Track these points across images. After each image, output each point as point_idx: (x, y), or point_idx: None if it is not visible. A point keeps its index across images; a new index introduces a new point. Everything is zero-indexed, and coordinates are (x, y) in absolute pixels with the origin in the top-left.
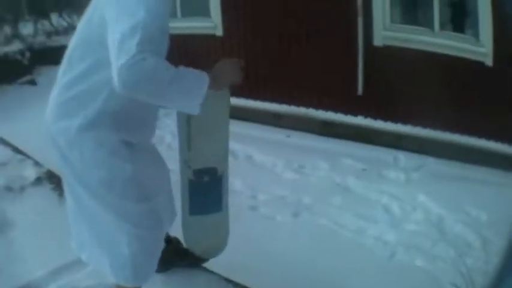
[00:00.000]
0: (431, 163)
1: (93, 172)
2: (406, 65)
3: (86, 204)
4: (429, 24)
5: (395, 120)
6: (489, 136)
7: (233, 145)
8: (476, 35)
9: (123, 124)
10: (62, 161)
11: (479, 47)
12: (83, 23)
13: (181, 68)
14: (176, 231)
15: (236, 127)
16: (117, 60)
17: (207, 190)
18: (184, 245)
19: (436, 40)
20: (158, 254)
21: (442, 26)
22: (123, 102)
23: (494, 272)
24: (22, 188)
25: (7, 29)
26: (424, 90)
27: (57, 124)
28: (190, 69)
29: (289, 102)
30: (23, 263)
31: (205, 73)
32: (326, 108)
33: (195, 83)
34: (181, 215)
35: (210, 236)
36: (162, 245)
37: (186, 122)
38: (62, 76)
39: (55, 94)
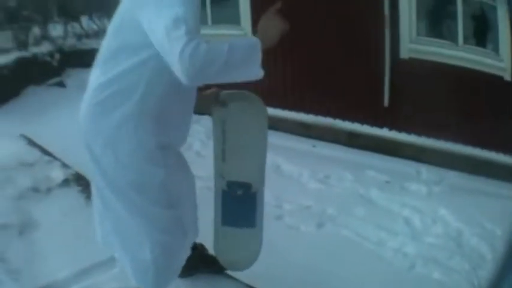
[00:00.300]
0: (452, 177)
1: (126, 174)
2: (430, 77)
3: (112, 207)
4: (453, 38)
5: (418, 133)
6: (508, 151)
7: None
8: (496, 49)
9: (159, 125)
10: (93, 163)
11: (499, 61)
12: (114, 26)
13: (232, 41)
14: (205, 238)
15: None
16: (171, 54)
17: (239, 203)
18: (213, 253)
19: (459, 54)
20: (181, 261)
21: (466, 40)
22: (159, 102)
23: (495, 271)
24: (49, 189)
25: (36, 30)
26: (446, 103)
27: (92, 125)
28: (239, 39)
29: (316, 112)
30: (47, 263)
31: (253, 38)
32: (352, 119)
33: (249, 49)
34: (213, 224)
35: (240, 250)
36: (186, 253)
37: (222, 132)
38: (95, 79)
39: (88, 96)
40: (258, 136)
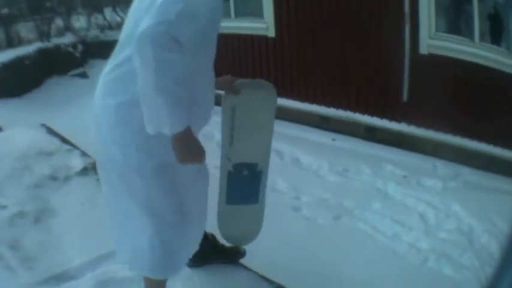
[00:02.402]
0: (467, 173)
1: (129, 156)
2: (448, 73)
3: (117, 191)
4: (470, 35)
5: (436, 128)
6: None
7: (280, 146)
8: (509, 47)
9: None
10: (101, 143)
11: (510, 59)
12: (134, 7)
13: (183, 99)
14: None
15: (284, 128)
16: (153, 17)
17: (245, 183)
18: (217, 231)
19: (475, 50)
20: (184, 254)
21: (482, 37)
22: None
23: (495, 269)
24: (67, 178)
25: (59, 22)
26: (462, 99)
27: (101, 105)
28: (182, 111)
29: (336, 106)
30: (61, 251)
31: (184, 126)
32: (372, 113)
33: (168, 117)
34: (217, 202)
35: (243, 225)
36: (190, 247)
37: (230, 118)
38: (112, 59)
39: (103, 74)
40: (266, 121)
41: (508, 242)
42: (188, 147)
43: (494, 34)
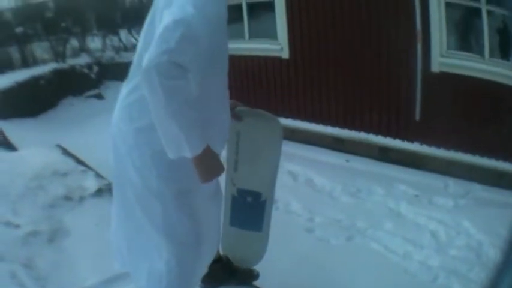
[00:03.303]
0: (478, 190)
1: (147, 180)
2: (459, 91)
3: (132, 212)
4: (480, 51)
5: (448, 146)
6: None
7: (294, 167)
8: None
9: None
10: (118, 167)
11: None
12: (144, 29)
13: (197, 120)
14: None
15: (298, 150)
16: (155, 47)
17: (248, 209)
18: (221, 252)
19: (485, 67)
20: (197, 276)
21: (492, 53)
22: None
23: (495, 269)
24: (82, 199)
25: (74, 42)
26: (473, 116)
27: (119, 129)
28: (198, 132)
29: (350, 126)
30: (74, 271)
31: (203, 146)
32: (385, 133)
33: (186, 142)
34: (222, 223)
35: (246, 249)
36: (202, 268)
37: (235, 142)
38: (128, 81)
39: (119, 101)
40: (271, 150)
41: (507, 244)
42: (209, 166)
43: (504, 48)
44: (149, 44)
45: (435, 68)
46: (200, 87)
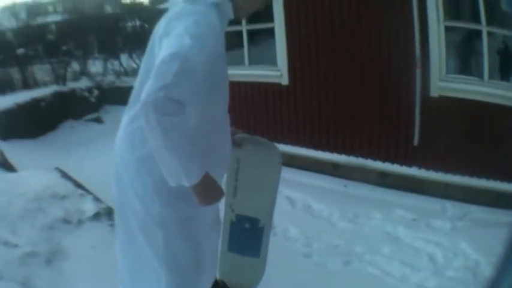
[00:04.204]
0: (475, 211)
1: (150, 208)
2: (458, 115)
3: (134, 240)
4: (479, 73)
5: (446, 170)
6: None
7: (292, 193)
8: None
9: None
10: (121, 195)
11: None
12: (145, 56)
13: (195, 152)
14: None
15: (296, 176)
16: (152, 82)
17: (246, 235)
18: (218, 277)
19: (485, 89)
20: None
21: (491, 75)
22: None
23: (496, 269)
24: (80, 222)
25: (75, 65)
26: (471, 138)
27: (122, 157)
28: (196, 163)
29: (348, 152)
30: None
31: (201, 174)
32: (383, 159)
33: (184, 173)
34: (220, 248)
35: (243, 274)
36: None
37: (235, 168)
38: (129, 108)
39: (121, 128)
40: (269, 177)
41: (507, 244)
42: (208, 191)
43: (504, 69)
44: (148, 72)
45: (434, 92)
46: (201, 117)
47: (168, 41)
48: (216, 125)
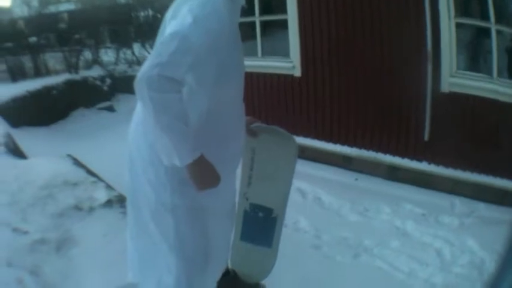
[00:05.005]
0: (483, 208)
1: (160, 194)
2: (468, 111)
3: (146, 228)
4: (489, 71)
5: (455, 166)
6: None
7: (303, 185)
8: None
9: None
10: (133, 181)
11: None
12: (156, 41)
13: (187, 132)
14: None
15: (307, 168)
16: (149, 60)
17: (259, 225)
18: (229, 266)
19: (494, 87)
20: None
21: (500, 73)
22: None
23: (496, 269)
24: (91, 209)
25: (88, 54)
26: (481, 136)
27: (135, 144)
28: (188, 143)
29: (359, 145)
30: (81, 281)
31: (194, 156)
32: (394, 153)
33: (175, 152)
34: (233, 237)
35: (254, 264)
36: (212, 283)
37: (250, 158)
38: None
39: (135, 116)
40: (285, 168)
41: (508, 243)
42: (202, 175)
43: (511, 68)
44: None
45: (445, 88)
46: (213, 104)
47: (173, 22)
48: (229, 113)
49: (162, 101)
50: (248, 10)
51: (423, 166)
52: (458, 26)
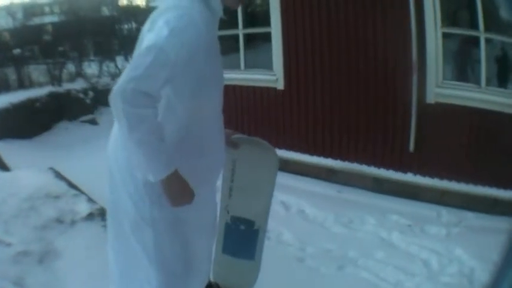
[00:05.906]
0: (470, 218)
1: (140, 207)
2: (455, 121)
3: (126, 239)
4: (477, 80)
5: (441, 176)
6: None
7: (287, 198)
8: None
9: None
10: (113, 194)
11: None
12: (134, 54)
13: (161, 148)
14: None
15: (290, 180)
16: (124, 74)
17: (241, 237)
18: (212, 279)
19: (482, 96)
20: None
21: (488, 82)
22: (180, 137)
23: (496, 269)
24: (73, 222)
25: (71, 67)
26: (468, 145)
27: (114, 156)
28: (162, 159)
29: (343, 157)
30: None
31: (167, 172)
32: (379, 165)
33: (148, 167)
34: (215, 250)
35: (237, 277)
36: None
37: (231, 170)
38: None
39: (114, 128)
40: (266, 179)
41: (508, 243)
42: (176, 191)
43: (502, 76)
44: None
45: (430, 99)
46: (191, 116)
47: (149, 35)
48: (208, 125)
49: (136, 115)
50: (231, 23)
51: (408, 177)
52: (446, 35)
